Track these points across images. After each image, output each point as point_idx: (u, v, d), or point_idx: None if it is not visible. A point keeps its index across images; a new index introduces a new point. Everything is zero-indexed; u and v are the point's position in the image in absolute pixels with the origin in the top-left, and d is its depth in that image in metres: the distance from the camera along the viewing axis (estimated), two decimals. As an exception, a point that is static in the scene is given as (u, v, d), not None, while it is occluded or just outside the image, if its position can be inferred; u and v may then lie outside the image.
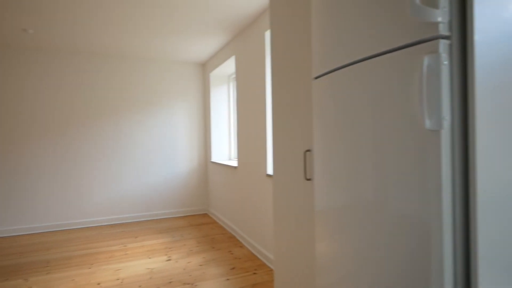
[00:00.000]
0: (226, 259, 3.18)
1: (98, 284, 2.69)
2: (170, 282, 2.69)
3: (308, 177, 1.51)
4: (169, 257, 3.26)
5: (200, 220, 4.70)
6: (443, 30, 0.77)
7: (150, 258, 3.25)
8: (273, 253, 2.82)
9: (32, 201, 4.17)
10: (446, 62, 0.77)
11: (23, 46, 3.99)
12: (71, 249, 3.56)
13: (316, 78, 1.30)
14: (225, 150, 4.86)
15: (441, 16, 0.77)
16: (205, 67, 5.01)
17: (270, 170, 3.02)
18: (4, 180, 4.04)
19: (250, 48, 3.36)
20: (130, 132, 4.64)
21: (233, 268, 2.95)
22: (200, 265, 3.03)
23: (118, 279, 2.77)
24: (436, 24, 0.77)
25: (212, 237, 3.89)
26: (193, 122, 5.04)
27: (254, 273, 2.84)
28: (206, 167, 5.11)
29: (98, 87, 4.48)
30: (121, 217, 4.61)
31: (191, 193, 5.03)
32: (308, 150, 1.50)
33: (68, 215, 4.34)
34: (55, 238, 3.94)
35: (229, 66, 4.37)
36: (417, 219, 0.82)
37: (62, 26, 3.33)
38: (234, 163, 4.21)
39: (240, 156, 3.70)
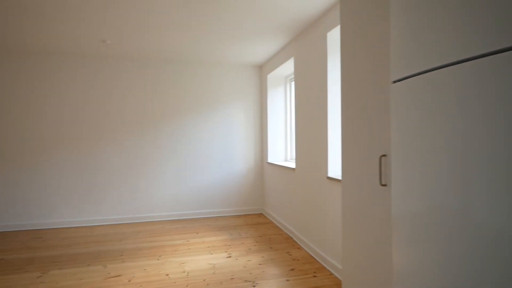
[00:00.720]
0: (284, 260, 3.19)
1: (167, 275, 2.89)
2: (232, 279, 2.78)
3: (383, 183, 1.45)
4: (229, 254, 3.38)
5: (256, 219, 4.79)
6: None
7: (211, 254, 3.39)
8: (334, 256, 2.76)
9: (106, 196, 4.62)
10: None
11: (100, 55, 4.44)
12: (140, 240, 3.87)
13: (395, 82, 1.25)
14: (281, 151, 4.89)
15: None
16: (262, 69, 5.09)
17: (331, 173, 2.97)
18: (84, 176, 4.54)
19: (310, 50, 3.34)
20: (191, 133, 4.90)
21: (293, 269, 2.95)
22: (260, 264, 3.08)
23: (184, 272, 2.94)
24: None
25: (269, 237, 3.93)
26: (250, 123, 5.15)
27: (314, 276, 2.81)
28: (262, 167, 5.18)
29: (163, 90, 4.80)
30: (182, 214, 4.88)
31: (247, 193, 5.14)
32: (383, 155, 1.44)
33: (136, 210, 4.72)
34: (125, 230, 4.32)
35: (286, 67, 4.38)
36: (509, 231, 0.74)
37: (135, 35, 3.63)
38: (292, 164, 4.21)
39: (299, 157, 3.69)
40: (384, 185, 1.46)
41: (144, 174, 4.75)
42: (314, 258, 3.23)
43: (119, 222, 4.66)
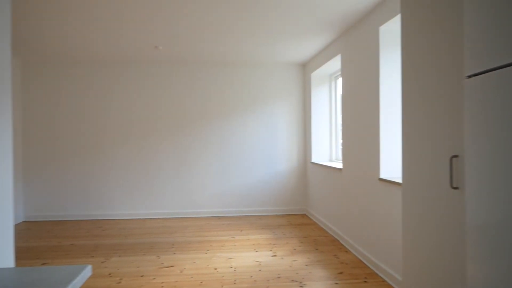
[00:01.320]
0: (332, 262, 3.13)
1: (215, 269, 2.98)
2: (279, 277, 2.79)
3: (455, 185, 1.36)
4: (274, 253, 3.39)
5: (299, 220, 4.75)
6: None
7: (256, 251, 3.43)
8: (386, 262, 2.65)
9: (157, 191, 4.89)
10: None
11: (153, 60, 4.71)
12: (189, 235, 4.04)
13: (470, 76, 1.16)
14: (325, 151, 4.80)
15: None
16: (305, 68, 5.04)
17: (384, 174, 2.85)
18: (138, 173, 4.85)
19: (360, 45, 3.23)
20: (236, 133, 5.01)
21: (341, 273, 2.88)
22: (306, 265, 3.06)
23: (231, 267, 3.02)
24: None
25: (314, 238, 3.88)
26: (293, 123, 5.12)
27: (365, 281, 2.72)
28: (306, 167, 5.13)
29: (209, 92, 4.97)
30: (226, 211, 5.01)
31: (290, 193, 5.13)
32: (455, 156, 1.35)
33: (184, 205, 4.94)
34: (174, 224, 4.54)
35: (332, 65, 4.29)
36: None
37: (184, 41, 3.80)
38: (338, 164, 4.11)
39: (346, 158, 3.59)
40: (456, 188, 1.37)
41: (192, 172, 4.95)
42: (363, 262, 3.12)
43: (168, 216, 4.90)
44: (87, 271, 0.93)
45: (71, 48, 4.13)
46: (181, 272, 2.92)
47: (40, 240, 3.81)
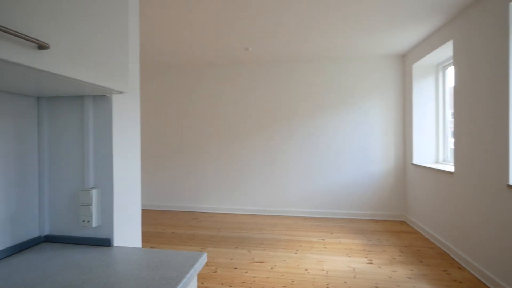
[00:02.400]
0: (441, 279, 2.72)
1: (306, 270, 2.90)
2: (377, 287, 2.55)
3: None
4: (370, 260, 3.13)
5: (398, 227, 4.30)
6: None
7: (349, 256, 3.22)
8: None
9: (248, 188, 5.07)
10: None
11: (243, 61, 4.89)
12: (278, 233, 4.05)
13: None
14: (431, 152, 4.23)
15: None
16: (405, 58, 4.54)
17: (515, 179, 2.33)
18: (231, 169, 5.11)
19: (480, 28, 2.73)
20: (325, 131, 4.84)
21: (455, 292, 2.47)
22: (409, 278, 2.72)
23: (323, 270, 2.89)
24: None
25: (417, 248, 3.45)
26: (390, 120, 4.68)
27: (488, 306, 2.27)
28: (405, 169, 4.63)
29: (297, 89, 4.91)
30: (314, 211, 4.87)
31: (385, 197, 4.69)
32: None
33: (272, 203, 4.99)
34: (263, 221, 4.62)
35: (440, 53, 3.75)
36: None
37: (273, 40, 3.82)
38: (448, 167, 3.57)
39: (459, 160, 3.09)
40: None
41: (281, 171, 4.97)
42: (485, 284, 2.62)
43: (257, 213, 5.02)
44: (204, 258, 0.96)
45: (173, 53, 4.59)
46: (271, 268, 2.93)
47: (149, 227, 4.33)
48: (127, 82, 0.97)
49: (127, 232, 1.14)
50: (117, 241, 1.07)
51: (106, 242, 1.03)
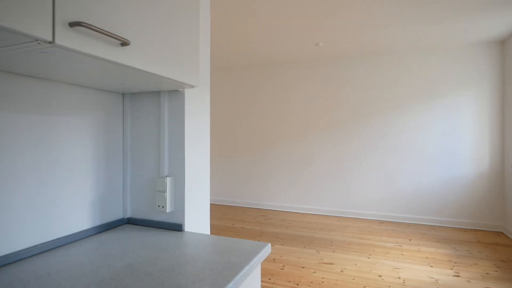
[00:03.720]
0: (555, 303, 2.25)
1: (380, 276, 2.69)
2: (466, 305, 2.23)
3: None
4: (457, 273, 2.75)
5: (493, 238, 3.71)
6: None
7: (431, 266, 2.89)
8: None
9: (318, 188, 4.95)
10: None
11: (312, 57, 4.78)
12: (349, 235, 3.85)
13: None
14: (539, 151, 3.54)
15: None
16: (505, 45, 3.88)
17: None
18: (301, 168, 5.06)
19: None
20: (404, 130, 4.43)
21: None
22: (509, 298, 2.31)
23: (399, 278, 2.65)
24: None
25: (520, 265, 2.92)
26: (483, 116, 4.06)
27: None
28: (503, 173, 3.96)
29: (372, 85, 4.61)
30: (390, 215, 4.50)
31: (478, 203, 4.08)
32: None
33: (343, 204, 4.78)
34: (333, 222, 4.45)
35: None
36: None
37: (345, 34, 3.63)
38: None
39: None
40: None
41: (353, 170, 4.73)
42: None
43: (327, 214, 4.87)
44: (268, 248, 0.95)
45: (242, 53, 4.73)
46: (341, 271, 2.80)
47: (219, 220, 4.55)
48: (198, 77, 1.03)
49: (197, 220, 1.21)
50: (187, 227, 1.14)
51: (178, 227, 1.11)
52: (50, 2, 0.58)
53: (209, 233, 1.28)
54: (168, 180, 1.11)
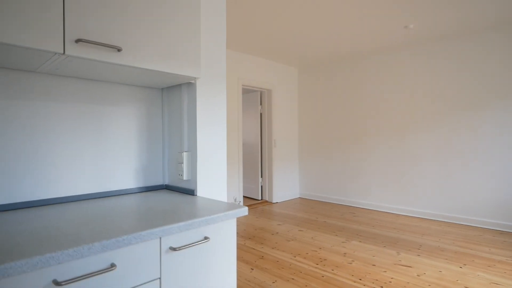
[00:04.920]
0: None
1: (467, 288, 2.30)
2: None
3: None
4: None
5: None
6: None
7: (552, 290, 2.26)
8: None
9: (415, 188, 4.43)
10: None
11: (401, 42, 4.30)
12: (446, 241, 3.34)
13: None
14: None
15: None
16: None
17: None
18: (397, 166, 4.64)
19: None
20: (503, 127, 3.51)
21: None
22: None
23: (494, 295, 2.20)
24: None
25: None
26: None
27: None
28: None
29: (482, 70, 3.81)
30: (509, 225, 3.63)
31: None
32: None
33: (445, 208, 4.12)
34: (430, 226, 3.91)
35: None
36: None
37: (441, 12, 3.15)
38: None
39: None
40: None
41: (458, 170, 4.04)
42: None
43: (425, 217, 4.30)
44: (243, 210, 1.10)
45: (327, 47, 4.69)
46: (418, 275, 2.52)
47: (304, 213, 4.64)
48: (199, 70, 1.26)
49: (210, 188, 1.44)
50: (200, 193, 1.38)
51: (191, 192, 1.37)
52: (61, 29, 0.92)
53: (226, 199, 1.49)
54: (185, 154, 1.38)
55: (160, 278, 0.93)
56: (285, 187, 5.57)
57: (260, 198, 5.48)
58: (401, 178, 4.55)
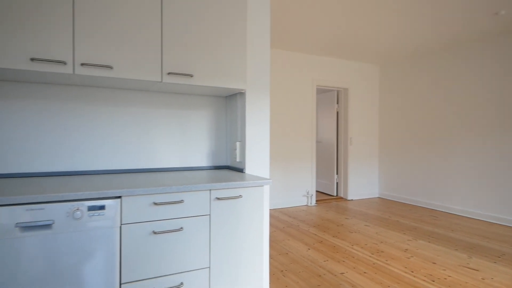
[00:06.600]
0: None
1: (539, 298, 2.13)
2: None
3: None
4: None
5: None
6: None
7: None
8: None
9: (508, 192, 3.92)
10: None
11: (490, 31, 3.83)
12: (537, 253, 2.97)
13: None
14: None
15: None
16: None
17: None
18: (481, 167, 4.19)
19: None
20: None
21: None
22: None
23: None
24: None
25: None
26: None
27: None
28: None
29: None
30: None
31: None
32: None
33: (555, 218, 3.54)
34: (528, 237, 3.46)
35: None
36: None
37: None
38: None
39: None
40: None
41: None
42: None
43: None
44: (266, 182, 1.51)
45: (409, 41, 4.54)
46: (482, 279, 2.42)
47: (377, 211, 4.61)
48: (245, 84, 1.74)
49: (256, 167, 1.89)
50: (247, 171, 1.85)
51: (241, 170, 1.84)
52: (160, 68, 1.52)
53: (268, 175, 1.92)
54: (238, 143, 1.87)
55: (209, 215, 1.45)
56: (361, 185, 5.58)
57: (335, 194, 5.64)
58: (500, 184, 4.08)
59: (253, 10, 1.90)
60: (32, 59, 1.30)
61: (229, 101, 2.04)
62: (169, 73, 1.55)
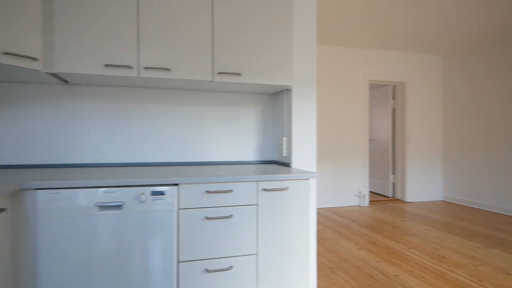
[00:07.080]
0: None
1: None
2: None
3: None
4: None
5: None
6: None
7: None
8: None
9: None
10: None
11: None
12: None
13: None
14: None
15: None
16: None
17: None
18: None
19: None
20: None
21: None
22: None
23: None
24: None
25: None
26: None
27: None
28: None
29: None
30: None
31: None
32: None
33: None
34: None
35: None
36: None
37: None
38: None
39: None
40: None
41: None
42: None
43: None
44: (313, 175, 1.54)
45: (477, 27, 4.13)
46: None
47: (439, 215, 4.24)
48: (291, 80, 1.79)
49: (303, 162, 1.91)
50: (294, 165, 1.89)
51: (288, 164, 1.89)
52: (211, 68, 1.65)
53: (315, 169, 1.93)
54: (284, 139, 1.91)
55: (257, 205, 1.53)
56: (421, 186, 5.19)
57: (391, 196, 5.34)
58: None
59: (299, 6, 1.94)
60: (106, 65, 1.53)
61: (276, 98, 2.10)
62: (219, 73, 1.67)
